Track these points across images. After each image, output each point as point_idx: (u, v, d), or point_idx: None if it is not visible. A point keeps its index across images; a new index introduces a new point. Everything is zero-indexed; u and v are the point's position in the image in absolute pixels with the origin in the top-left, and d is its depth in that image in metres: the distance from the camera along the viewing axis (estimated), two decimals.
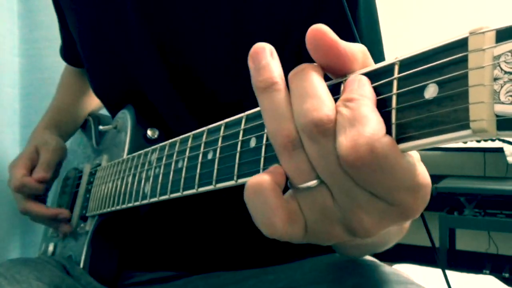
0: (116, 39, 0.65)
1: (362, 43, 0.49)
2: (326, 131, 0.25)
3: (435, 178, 2.15)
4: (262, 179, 0.28)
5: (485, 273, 2.03)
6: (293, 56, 0.54)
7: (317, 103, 0.26)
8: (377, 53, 0.54)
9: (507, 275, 2.12)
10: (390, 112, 0.25)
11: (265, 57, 0.28)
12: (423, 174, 0.26)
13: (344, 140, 0.24)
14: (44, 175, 0.73)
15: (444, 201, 2.19)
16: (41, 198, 0.77)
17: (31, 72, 1.03)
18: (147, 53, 0.62)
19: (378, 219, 0.27)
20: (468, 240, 2.42)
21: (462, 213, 2.13)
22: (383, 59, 0.55)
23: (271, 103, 0.28)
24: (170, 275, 0.67)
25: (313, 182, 0.27)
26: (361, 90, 0.26)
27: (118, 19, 0.63)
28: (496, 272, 2.12)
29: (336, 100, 0.26)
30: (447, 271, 0.51)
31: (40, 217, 0.74)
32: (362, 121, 0.24)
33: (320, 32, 0.27)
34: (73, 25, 0.73)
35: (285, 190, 0.29)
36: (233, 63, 0.57)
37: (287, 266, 0.63)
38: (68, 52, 0.88)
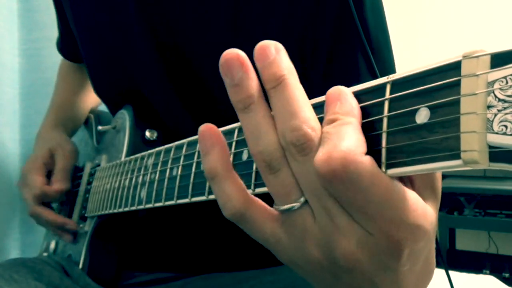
0: (116, 38, 0.65)
1: (369, 44, 0.50)
2: (305, 149, 0.25)
3: None
4: (217, 167, 0.28)
5: (485, 273, 2.02)
6: (295, 56, 0.54)
7: (297, 123, 0.25)
8: (386, 53, 0.54)
9: (507, 275, 2.11)
10: (380, 135, 0.24)
11: (238, 71, 0.27)
12: (418, 213, 0.25)
13: (320, 153, 0.24)
14: (64, 186, 0.73)
15: (444, 201, 2.17)
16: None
17: (31, 72, 1.02)
18: (146, 52, 0.62)
19: (356, 247, 0.25)
20: (468, 240, 2.41)
21: (462, 213, 2.13)
22: (392, 60, 0.55)
23: (249, 123, 0.27)
24: (169, 276, 0.67)
25: (294, 205, 0.27)
26: (344, 108, 0.25)
27: (118, 19, 0.63)
28: (496, 272, 2.11)
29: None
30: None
31: (48, 223, 0.73)
32: (340, 136, 0.24)
33: None
34: (73, 23, 0.73)
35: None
36: None
37: (287, 267, 0.63)
38: (65, 47, 0.88)
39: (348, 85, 0.27)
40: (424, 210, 0.26)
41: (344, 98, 0.25)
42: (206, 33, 0.57)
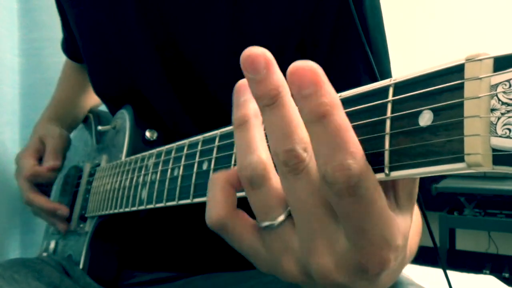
0: (115, 38, 0.65)
1: (368, 43, 0.50)
2: (297, 169, 0.25)
3: (435, 178, 2.15)
4: (220, 173, 0.30)
5: (485, 273, 2.02)
6: (294, 55, 0.54)
7: (291, 145, 0.25)
8: (383, 55, 0.54)
9: (507, 275, 2.12)
10: (383, 137, 0.24)
11: (244, 94, 0.29)
12: (400, 233, 0.26)
13: (332, 168, 0.23)
14: (55, 163, 0.75)
15: (444, 201, 2.18)
16: (44, 190, 0.78)
17: (31, 72, 1.02)
18: (145, 52, 0.62)
19: (334, 262, 0.26)
20: (468, 240, 2.42)
21: (462, 213, 2.13)
22: (388, 62, 0.55)
23: (240, 140, 0.28)
24: (170, 276, 0.67)
25: (274, 222, 0.28)
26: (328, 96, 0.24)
27: (118, 20, 0.63)
28: (496, 272, 2.12)
29: None
30: (447, 271, 0.51)
31: (41, 210, 0.74)
32: (346, 146, 0.23)
33: None
34: (74, 23, 0.74)
35: None
36: (232, 64, 0.57)
37: None
38: (69, 47, 0.88)
39: (347, 85, 0.27)
40: (402, 229, 0.26)
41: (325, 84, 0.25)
42: (205, 33, 0.57)
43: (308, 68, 0.23)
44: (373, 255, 0.25)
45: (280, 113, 0.25)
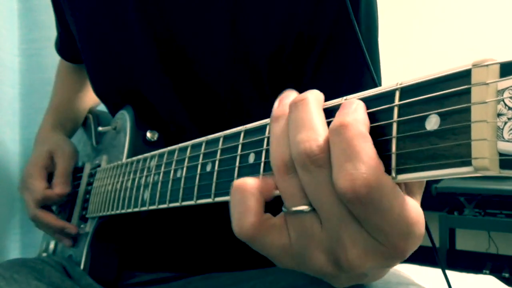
0: (115, 39, 0.65)
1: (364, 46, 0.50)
2: (318, 161, 0.26)
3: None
4: (247, 180, 0.30)
5: (485, 273, 2.02)
6: (292, 53, 0.54)
7: (311, 134, 0.27)
8: (373, 59, 0.54)
9: (507, 275, 2.12)
10: (390, 141, 0.24)
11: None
12: (419, 224, 0.27)
13: (342, 176, 0.25)
14: (65, 190, 0.73)
15: (444, 201, 2.19)
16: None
17: (31, 72, 1.02)
18: (146, 52, 0.61)
19: (364, 253, 0.27)
20: (468, 240, 2.42)
21: (462, 213, 2.13)
22: (378, 67, 0.55)
23: (274, 130, 0.30)
24: (170, 276, 0.67)
25: (305, 207, 0.28)
26: (356, 114, 0.26)
27: (118, 20, 0.63)
28: (496, 272, 2.12)
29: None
30: (447, 271, 0.51)
31: (48, 226, 0.73)
32: (358, 155, 0.24)
33: None
34: (73, 24, 0.73)
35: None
36: (232, 65, 0.57)
37: None
38: (64, 48, 0.88)
39: (343, 83, 0.28)
40: (422, 217, 0.27)
41: (358, 107, 0.26)
42: (205, 31, 0.57)
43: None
44: (397, 248, 0.26)
45: (306, 108, 0.28)
